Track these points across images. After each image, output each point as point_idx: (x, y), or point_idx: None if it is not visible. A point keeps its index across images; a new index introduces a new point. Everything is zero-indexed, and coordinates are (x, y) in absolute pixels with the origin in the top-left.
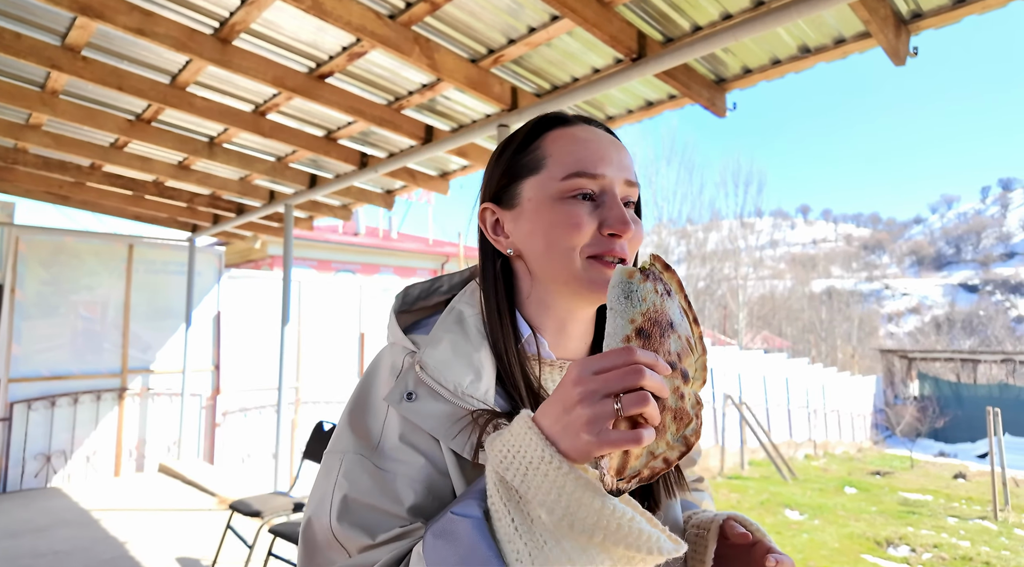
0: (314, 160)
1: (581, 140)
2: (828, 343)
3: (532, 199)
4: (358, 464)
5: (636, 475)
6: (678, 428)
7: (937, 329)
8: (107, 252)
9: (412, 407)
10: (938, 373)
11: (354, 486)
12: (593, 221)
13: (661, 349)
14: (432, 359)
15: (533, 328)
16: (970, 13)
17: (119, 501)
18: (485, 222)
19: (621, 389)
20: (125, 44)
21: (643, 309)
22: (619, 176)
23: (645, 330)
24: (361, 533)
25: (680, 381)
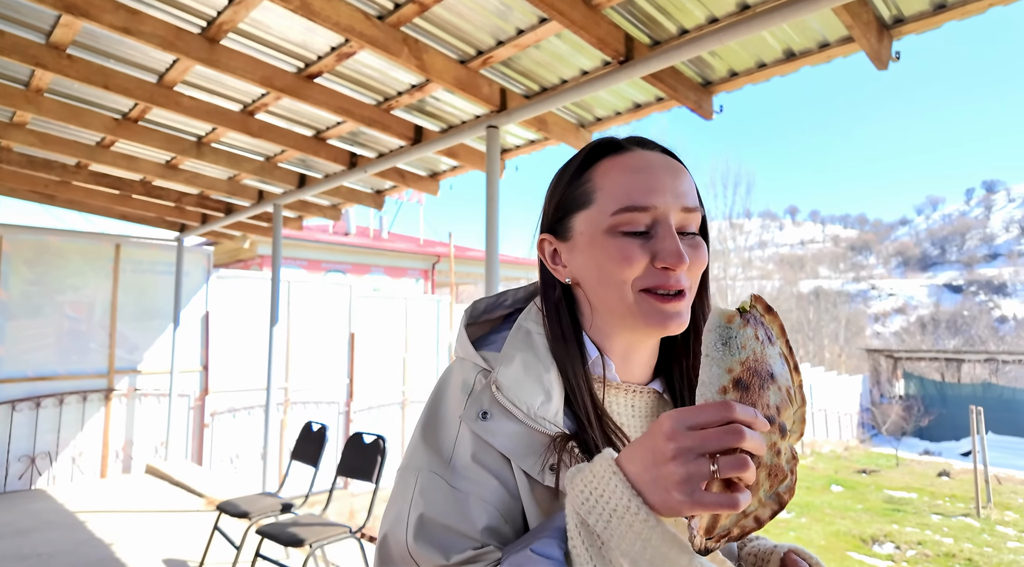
0: (303, 160)
1: (631, 169)
2: (816, 343)
3: (584, 233)
4: (433, 482)
5: (726, 534)
6: (771, 485)
7: (922, 329)
8: (94, 252)
9: (487, 426)
10: (923, 372)
11: (430, 505)
12: (645, 255)
13: (760, 402)
14: (506, 379)
15: (600, 350)
16: (951, 19)
17: (105, 503)
18: (544, 252)
19: (718, 449)
20: (111, 43)
21: (742, 358)
22: (674, 204)
23: (744, 381)
24: (436, 552)
25: (778, 436)
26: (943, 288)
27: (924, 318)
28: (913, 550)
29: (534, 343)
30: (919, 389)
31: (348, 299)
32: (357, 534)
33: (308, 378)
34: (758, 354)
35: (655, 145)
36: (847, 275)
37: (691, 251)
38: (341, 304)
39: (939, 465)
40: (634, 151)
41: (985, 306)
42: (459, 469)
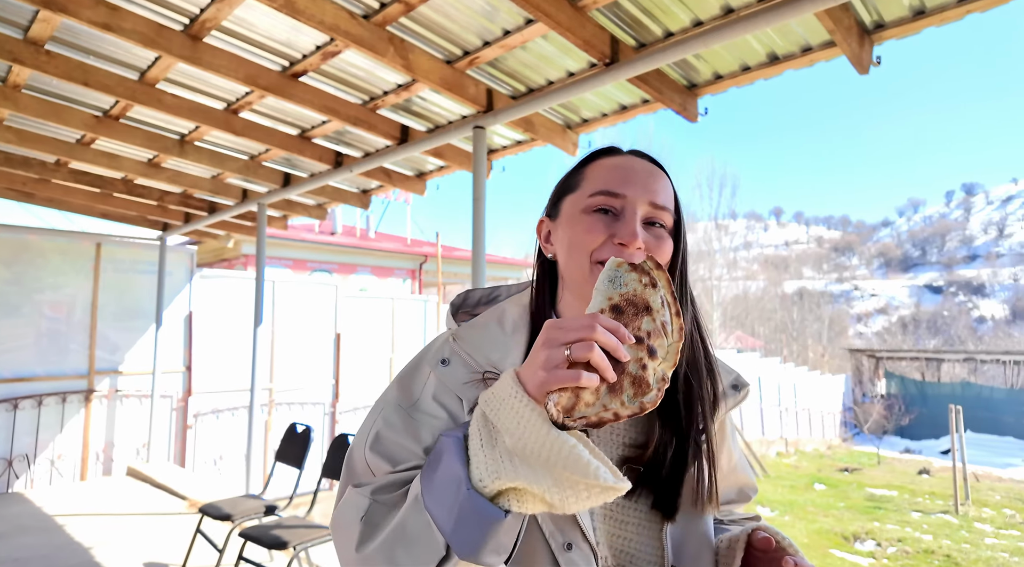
0: (288, 159)
1: (614, 166)
2: (799, 343)
3: (567, 212)
4: (396, 412)
5: (583, 417)
6: (635, 393)
7: (903, 329)
8: (74, 251)
9: (445, 371)
10: (904, 372)
11: (387, 426)
12: (606, 231)
13: (632, 325)
14: (467, 334)
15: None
16: (930, 25)
17: (85, 506)
18: (540, 233)
19: (574, 339)
20: (91, 39)
21: (622, 291)
22: (643, 196)
23: (620, 307)
24: (385, 461)
25: (645, 354)
26: (923, 289)
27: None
28: (894, 547)
29: (504, 316)
30: (900, 388)
31: (334, 299)
32: None
33: (293, 379)
34: (638, 292)
35: (645, 155)
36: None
37: (651, 239)
38: (327, 304)
39: (919, 463)
40: (623, 155)
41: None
42: (421, 405)
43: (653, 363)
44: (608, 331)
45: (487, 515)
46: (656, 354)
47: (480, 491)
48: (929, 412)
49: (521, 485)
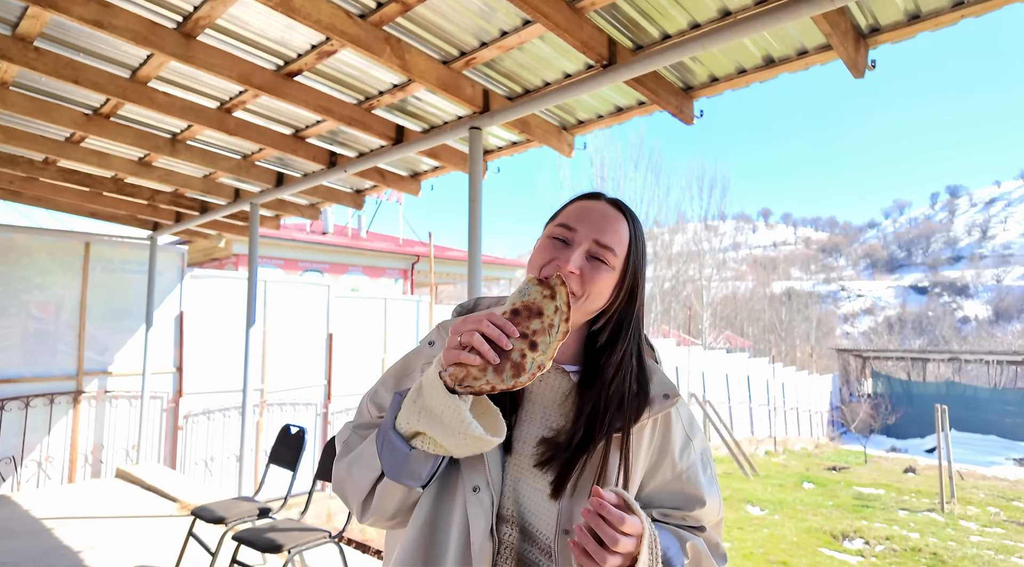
0: (281, 158)
1: (581, 206)
2: (787, 343)
3: (541, 235)
4: (393, 376)
5: (469, 386)
6: (512, 374)
7: (889, 329)
8: (62, 250)
9: (430, 351)
10: (890, 371)
11: (383, 385)
12: (553, 254)
13: (522, 324)
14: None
15: None
16: (924, 29)
17: (73, 509)
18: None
19: (468, 329)
20: (81, 36)
21: (524, 299)
22: (590, 234)
23: (518, 310)
24: (375, 407)
25: (526, 347)
26: (909, 289)
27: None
28: (881, 545)
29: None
30: (886, 388)
31: (326, 299)
32: (336, 539)
33: (285, 379)
34: (536, 300)
35: (616, 202)
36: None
37: (587, 267)
38: (319, 304)
39: (905, 461)
40: (599, 200)
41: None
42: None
43: (533, 354)
44: (494, 326)
45: (399, 448)
46: (537, 347)
47: (399, 432)
48: (915, 411)
49: (422, 430)
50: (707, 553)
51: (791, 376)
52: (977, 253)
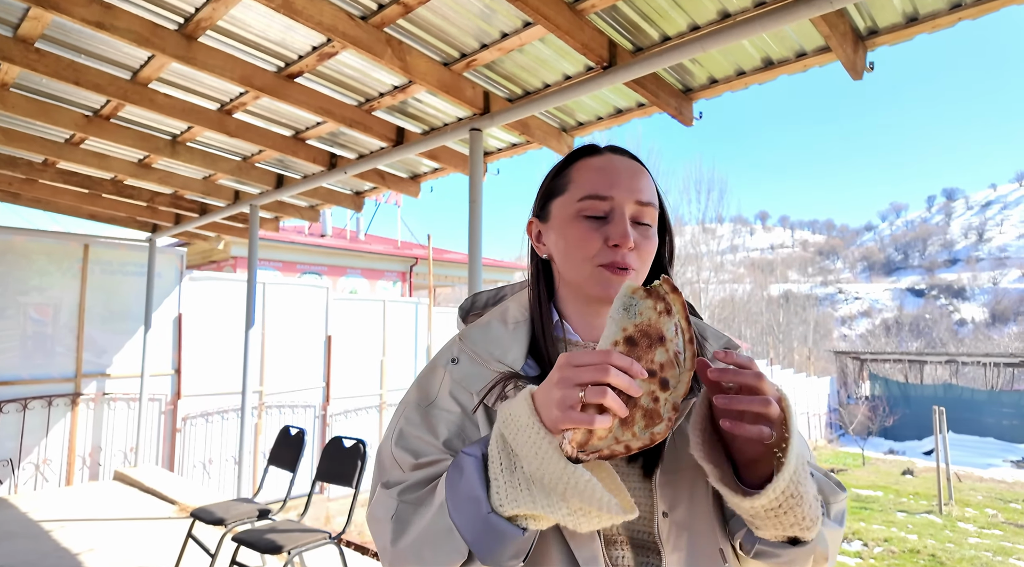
0: (281, 160)
1: (598, 168)
2: (785, 345)
3: (557, 216)
4: (415, 410)
5: (596, 451)
6: (647, 424)
7: (887, 331)
8: (60, 252)
9: (455, 368)
10: (888, 374)
11: (408, 423)
12: (600, 236)
13: (645, 357)
14: (472, 333)
15: (562, 316)
16: (922, 31)
17: (71, 511)
18: (531, 232)
19: (589, 381)
20: (83, 37)
21: (636, 321)
22: (629, 197)
23: (634, 338)
24: (409, 454)
25: (657, 387)
26: (906, 292)
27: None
28: (880, 547)
29: (507, 313)
30: (884, 390)
31: (324, 301)
32: (336, 540)
33: (284, 382)
34: (652, 321)
35: (625, 152)
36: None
37: (639, 237)
38: (317, 306)
39: (903, 464)
40: (606, 154)
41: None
42: (438, 402)
43: (664, 394)
44: (621, 371)
45: (507, 533)
46: (668, 385)
47: (499, 513)
48: (912, 413)
49: (535, 512)
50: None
51: (789, 378)
52: (973, 256)
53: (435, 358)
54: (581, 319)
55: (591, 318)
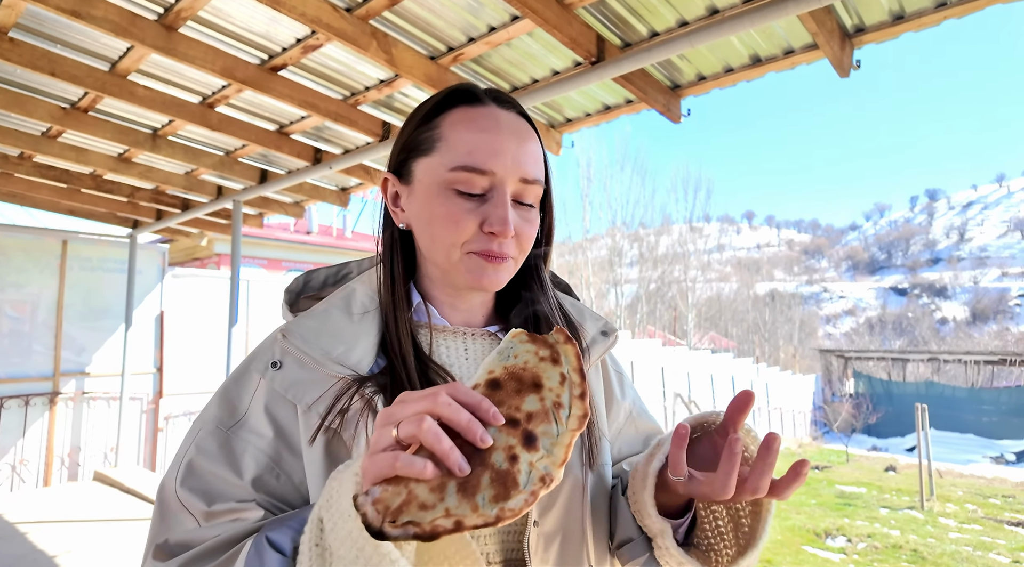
0: (265, 155)
1: (478, 128)
2: (771, 343)
3: (422, 181)
4: (212, 435)
5: (411, 523)
6: (496, 495)
7: (870, 330)
8: (38, 248)
9: (276, 375)
10: (871, 371)
11: (201, 453)
12: (475, 219)
13: (508, 402)
14: (299, 328)
15: (425, 297)
16: (908, 30)
17: (49, 513)
18: (386, 192)
19: (408, 415)
20: (58, 26)
21: (507, 363)
22: (512, 173)
23: (499, 381)
24: (200, 499)
25: (518, 442)
26: (889, 291)
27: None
28: (863, 543)
29: (352, 298)
30: (867, 388)
31: None
32: None
33: None
34: (529, 365)
35: (512, 103)
36: (801, 278)
37: (521, 222)
38: None
39: (886, 460)
40: (488, 106)
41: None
42: (248, 421)
43: (529, 455)
44: (458, 404)
45: None
46: (535, 442)
47: None
48: (895, 410)
49: None
50: None
51: (775, 376)
52: (955, 255)
53: (247, 360)
54: (450, 301)
55: (461, 301)
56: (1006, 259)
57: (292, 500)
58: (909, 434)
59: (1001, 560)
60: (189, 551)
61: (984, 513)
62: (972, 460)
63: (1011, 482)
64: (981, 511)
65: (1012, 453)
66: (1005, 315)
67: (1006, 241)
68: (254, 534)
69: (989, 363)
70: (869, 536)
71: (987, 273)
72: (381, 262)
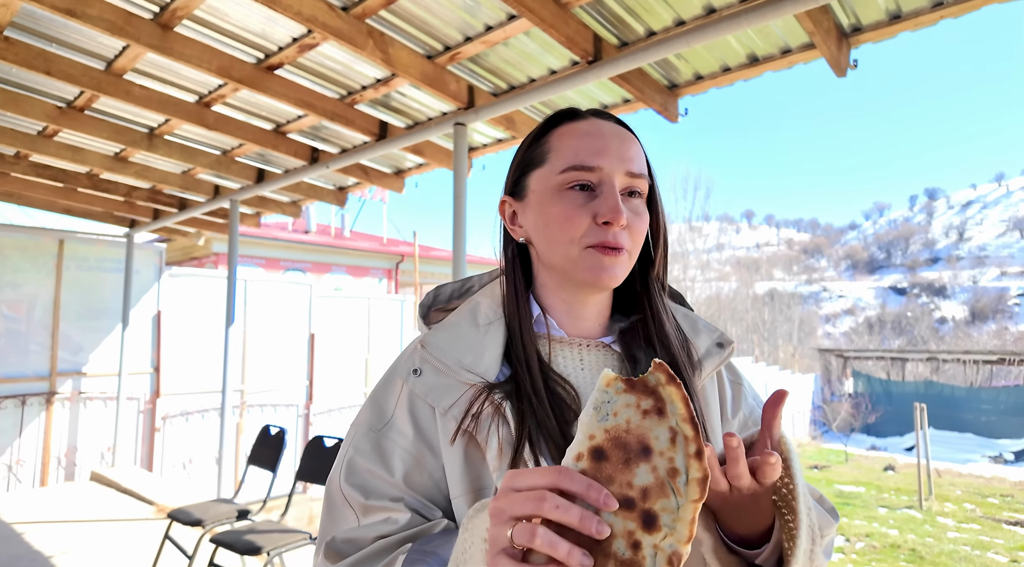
0: (262, 154)
1: (582, 134)
2: (770, 343)
3: (536, 191)
4: (366, 436)
5: None
6: None
7: (870, 329)
8: (34, 247)
9: (417, 381)
10: (870, 371)
11: (358, 452)
12: (588, 213)
13: (618, 478)
14: (435, 339)
15: (544, 308)
16: (904, 29)
17: (45, 513)
18: (504, 213)
19: (521, 514)
20: (54, 25)
21: (608, 425)
22: (618, 167)
23: (603, 451)
24: (359, 492)
25: (638, 526)
26: (888, 290)
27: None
28: (862, 542)
29: (478, 311)
30: (866, 387)
31: (308, 299)
32: None
33: (266, 380)
34: (631, 425)
35: (611, 117)
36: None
37: (631, 213)
38: (301, 304)
39: (885, 460)
40: (590, 119)
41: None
42: (394, 423)
43: (652, 538)
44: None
45: None
46: (656, 522)
47: None
48: (894, 410)
49: None
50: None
51: (774, 376)
52: (954, 255)
53: (392, 368)
54: (567, 311)
55: (578, 308)
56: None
57: (435, 497)
58: (908, 433)
59: (999, 559)
60: (351, 556)
61: (982, 512)
62: (971, 459)
63: (1010, 481)
64: (979, 510)
65: (1011, 452)
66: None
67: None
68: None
69: (988, 362)
70: (867, 535)
71: (986, 272)
72: (504, 275)
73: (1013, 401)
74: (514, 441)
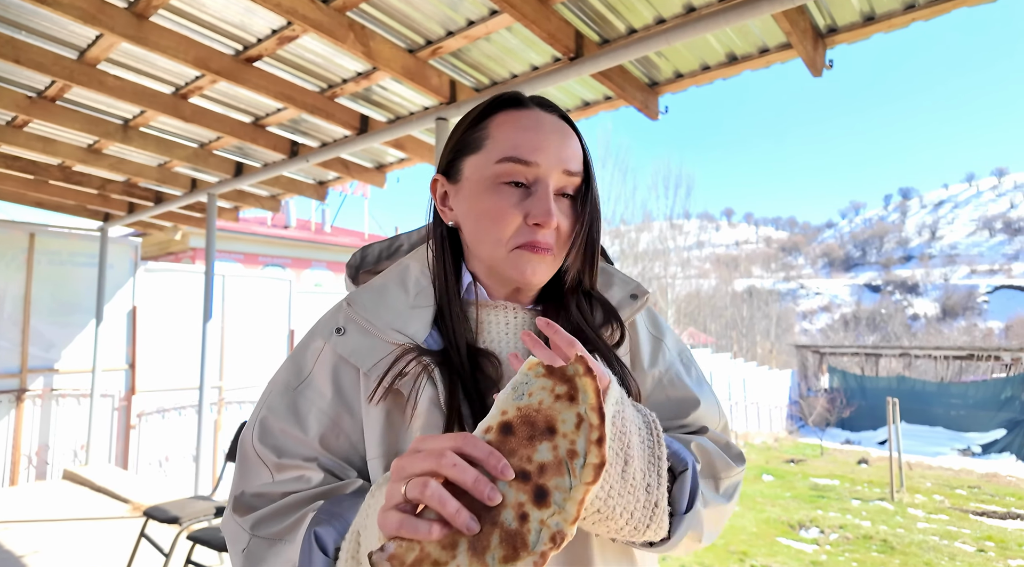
0: (240, 147)
1: (523, 126)
2: (749, 339)
3: (470, 179)
4: (283, 394)
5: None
6: (505, 556)
7: (845, 326)
8: (4, 241)
9: (340, 340)
10: (845, 366)
11: (272, 412)
12: (520, 211)
13: (520, 452)
14: (362, 299)
15: (474, 275)
16: (878, 31)
17: (16, 512)
18: (435, 192)
19: (421, 472)
20: (23, 12)
21: (521, 403)
22: (555, 165)
23: (511, 426)
24: (272, 452)
25: (528, 499)
26: (863, 288)
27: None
28: (836, 533)
29: (407, 275)
30: (842, 382)
31: (287, 295)
32: None
33: (244, 377)
34: (543, 406)
35: (554, 108)
36: (778, 275)
37: (563, 216)
38: (280, 300)
39: (859, 453)
40: (532, 110)
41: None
42: (312, 382)
43: (540, 513)
44: (464, 463)
45: None
46: (547, 498)
47: None
48: (868, 405)
49: None
50: (716, 451)
51: (752, 371)
52: (926, 253)
53: (314, 327)
54: (496, 279)
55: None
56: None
57: (351, 459)
58: (881, 428)
59: (966, 549)
60: (261, 509)
61: (951, 503)
62: (940, 452)
63: (977, 473)
64: (948, 502)
65: (978, 445)
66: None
67: (975, 239)
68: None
69: (957, 358)
70: (841, 527)
71: (957, 270)
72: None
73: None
74: (443, 408)
